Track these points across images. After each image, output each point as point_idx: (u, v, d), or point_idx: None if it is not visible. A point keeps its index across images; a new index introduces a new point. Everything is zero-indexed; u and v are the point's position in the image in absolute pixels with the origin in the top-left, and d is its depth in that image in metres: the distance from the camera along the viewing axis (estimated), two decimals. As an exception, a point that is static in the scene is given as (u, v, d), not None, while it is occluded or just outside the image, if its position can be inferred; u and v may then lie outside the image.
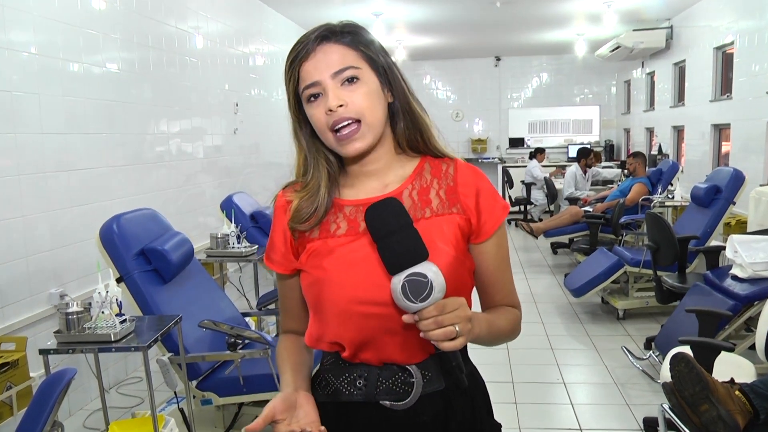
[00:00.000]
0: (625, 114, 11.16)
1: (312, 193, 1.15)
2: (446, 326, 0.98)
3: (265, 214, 4.69)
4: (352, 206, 1.16)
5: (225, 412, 2.97)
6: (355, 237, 1.12)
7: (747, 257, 3.50)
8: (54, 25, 3.36)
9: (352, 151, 1.10)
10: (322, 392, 1.17)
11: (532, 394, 3.58)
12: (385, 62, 1.14)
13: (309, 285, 1.14)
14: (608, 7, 7.15)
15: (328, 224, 1.15)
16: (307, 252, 1.15)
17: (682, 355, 2.16)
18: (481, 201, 1.16)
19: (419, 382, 1.12)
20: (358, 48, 1.12)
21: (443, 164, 1.19)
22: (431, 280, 0.97)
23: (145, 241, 2.89)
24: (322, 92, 1.09)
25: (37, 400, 1.82)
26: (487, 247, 1.17)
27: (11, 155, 3.07)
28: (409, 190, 1.16)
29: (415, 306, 0.98)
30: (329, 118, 1.08)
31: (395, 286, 0.98)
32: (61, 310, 2.45)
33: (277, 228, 1.20)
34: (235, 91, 5.75)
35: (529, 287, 5.95)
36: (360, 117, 1.08)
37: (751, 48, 5.74)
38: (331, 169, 1.17)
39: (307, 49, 1.10)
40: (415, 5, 6.94)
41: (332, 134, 1.09)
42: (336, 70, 1.09)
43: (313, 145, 1.16)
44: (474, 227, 1.15)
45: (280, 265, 1.20)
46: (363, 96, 1.09)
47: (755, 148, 5.63)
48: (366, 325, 1.09)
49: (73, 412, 3.44)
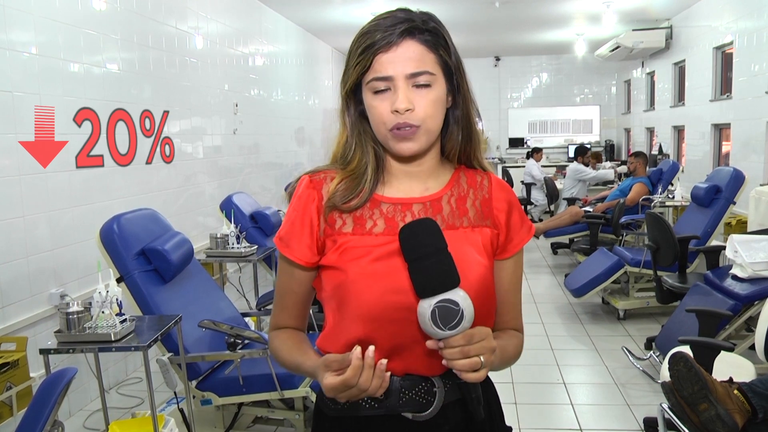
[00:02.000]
0: (625, 114, 11.16)
1: (358, 174, 1.10)
2: (472, 357, 0.96)
3: (265, 215, 4.69)
4: (390, 204, 1.12)
5: (225, 412, 2.97)
6: (393, 237, 1.06)
7: (747, 257, 3.50)
8: (55, 26, 3.36)
9: (406, 150, 1.07)
10: (336, 407, 1.12)
11: (533, 395, 3.58)
12: (456, 69, 1.11)
13: (339, 284, 1.08)
14: (607, 7, 7.16)
15: (363, 220, 1.10)
16: (339, 247, 1.09)
17: (681, 354, 2.17)
18: (512, 219, 1.15)
19: (441, 391, 1.10)
20: (437, 51, 1.08)
21: (477, 176, 1.17)
22: (462, 308, 0.94)
23: (145, 241, 2.90)
24: (392, 88, 1.05)
25: (37, 400, 1.82)
26: (507, 264, 1.17)
27: (12, 155, 3.07)
28: (448, 196, 1.14)
29: (443, 333, 0.95)
30: (394, 117, 1.05)
31: (424, 311, 0.95)
32: (61, 310, 2.45)
33: (301, 214, 1.12)
34: (234, 92, 5.75)
35: (530, 288, 5.95)
36: (422, 123, 1.06)
37: (751, 48, 5.74)
38: (378, 153, 1.12)
39: (389, 41, 1.04)
40: (414, 6, 6.91)
41: (389, 132, 1.06)
42: (412, 72, 1.05)
43: (360, 126, 1.12)
44: (501, 243, 1.15)
45: (300, 255, 1.12)
46: (430, 103, 1.06)
47: (755, 147, 5.63)
48: (399, 331, 1.05)
49: (74, 413, 3.44)
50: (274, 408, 2.90)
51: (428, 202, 1.13)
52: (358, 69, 1.06)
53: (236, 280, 4.93)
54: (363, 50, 1.05)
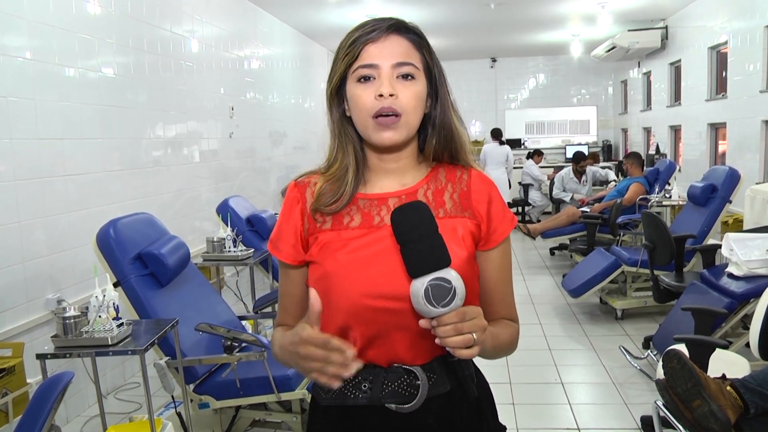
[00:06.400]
0: (622, 114, 11.18)
1: (338, 177, 1.16)
2: (465, 334, 0.98)
3: (261, 218, 4.69)
4: (366, 200, 1.16)
5: (222, 416, 2.96)
6: (368, 230, 1.13)
7: (742, 255, 3.52)
8: (49, 30, 3.37)
9: (386, 140, 1.11)
10: (326, 396, 1.16)
11: (530, 395, 3.59)
12: (438, 74, 1.17)
13: (319, 277, 1.13)
14: (602, 8, 7.17)
15: (341, 216, 1.15)
16: (318, 244, 1.15)
17: (675, 352, 2.18)
18: (492, 209, 1.18)
19: (425, 385, 1.12)
20: (422, 51, 1.14)
21: (457, 170, 1.21)
22: (455, 286, 0.97)
23: (141, 245, 2.90)
24: (376, 77, 1.10)
25: (34, 404, 1.81)
26: (493, 255, 1.19)
27: (7, 161, 3.07)
28: (424, 189, 1.18)
29: (436, 311, 0.97)
30: (377, 103, 1.09)
31: (417, 290, 0.97)
32: (58, 315, 2.45)
33: (287, 217, 1.19)
34: (230, 95, 5.76)
35: (527, 288, 5.96)
36: (403, 112, 1.10)
37: (744, 47, 5.76)
38: (358, 155, 1.17)
39: (377, 33, 1.11)
40: (409, 7, 6.95)
41: (372, 119, 1.10)
42: (398, 62, 1.10)
43: (342, 128, 1.17)
44: (483, 234, 1.17)
45: (286, 254, 1.19)
46: (413, 94, 1.11)
47: (750, 146, 5.65)
48: (377, 319, 1.09)
49: (71, 418, 3.44)
50: (271, 411, 2.91)
51: (403, 196, 1.17)
52: (347, 60, 1.11)
53: (233, 283, 4.93)
54: (352, 42, 1.12)
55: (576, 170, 8.17)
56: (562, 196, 8.16)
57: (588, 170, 8.19)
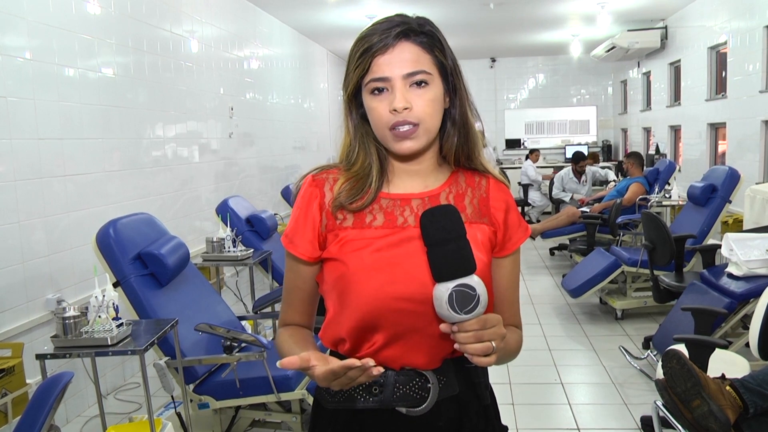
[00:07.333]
0: (622, 114, 11.18)
1: (362, 176, 1.14)
2: (485, 341, 0.98)
3: (261, 218, 4.69)
4: (389, 199, 1.15)
5: (222, 416, 2.96)
6: (392, 230, 1.12)
7: (742, 255, 3.51)
8: (49, 30, 3.37)
9: (405, 149, 1.10)
10: (333, 399, 1.14)
11: (530, 395, 3.59)
12: (453, 70, 1.15)
13: (340, 276, 1.11)
14: (602, 8, 7.17)
15: (363, 215, 1.13)
16: (339, 241, 1.12)
17: (674, 352, 2.18)
18: (509, 217, 1.18)
19: (435, 388, 1.12)
20: (432, 52, 1.12)
21: (476, 176, 1.20)
22: (479, 293, 0.97)
23: (141, 245, 2.90)
24: (389, 89, 1.08)
25: (33, 404, 1.81)
26: (505, 262, 1.20)
27: (7, 161, 3.07)
28: (446, 193, 1.17)
29: (458, 317, 0.97)
30: (392, 117, 1.08)
31: (441, 294, 0.97)
32: (57, 315, 2.45)
33: (304, 212, 1.16)
34: (230, 95, 5.76)
35: (527, 288, 5.96)
36: (420, 122, 1.09)
37: (744, 47, 5.76)
38: (381, 154, 1.16)
39: (385, 43, 1.08)
40: (409, 7, 6.95)
41: (389, 131, 1.09)
42: (409, 72, 1.08)
43: (362, 129, 1.16)
44: (499, 241, 1.18)
45: (303, 250, 1.15)
46: (428, 102, 1.09)
47: (750, 146, 5.65)
48: (398, 321, 1.08)
49: (71, 419, 3.44)
50: (271, 411, 2.91)
51: (426, 198, 1.16)
52: (358, 72, 1.10)
53: (233, 283, 4.93)
54: (361, 54, 1.09)
55: (576, 170, 8.18)
56: (562, 196, 8.17)
57: (588, 170, 8.19)
